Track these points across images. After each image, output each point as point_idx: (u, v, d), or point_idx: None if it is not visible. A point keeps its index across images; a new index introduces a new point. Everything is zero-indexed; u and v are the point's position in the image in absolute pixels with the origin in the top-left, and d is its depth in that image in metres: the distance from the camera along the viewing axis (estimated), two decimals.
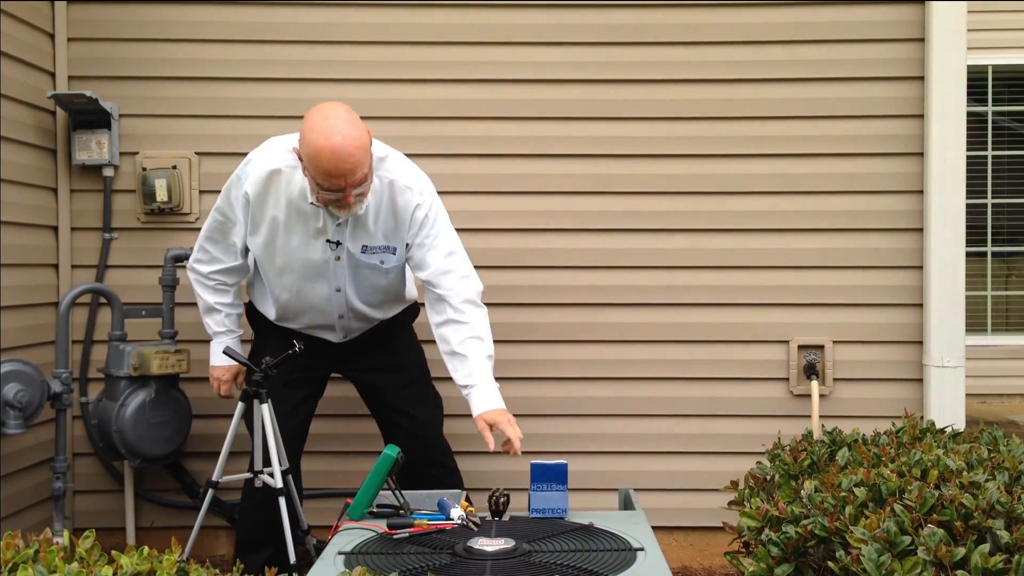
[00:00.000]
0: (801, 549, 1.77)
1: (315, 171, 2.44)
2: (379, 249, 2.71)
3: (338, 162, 2.40)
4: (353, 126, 2.44)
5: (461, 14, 3.51)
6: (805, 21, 3.50)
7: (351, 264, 2.72)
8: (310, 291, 2.76)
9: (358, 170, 2.44)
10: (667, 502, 3.48)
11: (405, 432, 2.95)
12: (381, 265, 2.74)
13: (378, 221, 2.67)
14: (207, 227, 2.81)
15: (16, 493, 3.21)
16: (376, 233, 2.69)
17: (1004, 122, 6.24)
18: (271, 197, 2.63)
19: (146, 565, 1.47)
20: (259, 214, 2.66)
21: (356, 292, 2.78)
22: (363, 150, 2.44)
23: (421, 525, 2.11)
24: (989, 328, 6.24)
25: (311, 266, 2.71)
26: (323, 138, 2.39)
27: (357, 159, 2.42)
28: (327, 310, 2.81)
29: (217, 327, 2.91)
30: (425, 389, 3.06)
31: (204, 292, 2.89)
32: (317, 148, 2.40)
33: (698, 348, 3.53)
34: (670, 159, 3.52)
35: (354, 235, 2.67)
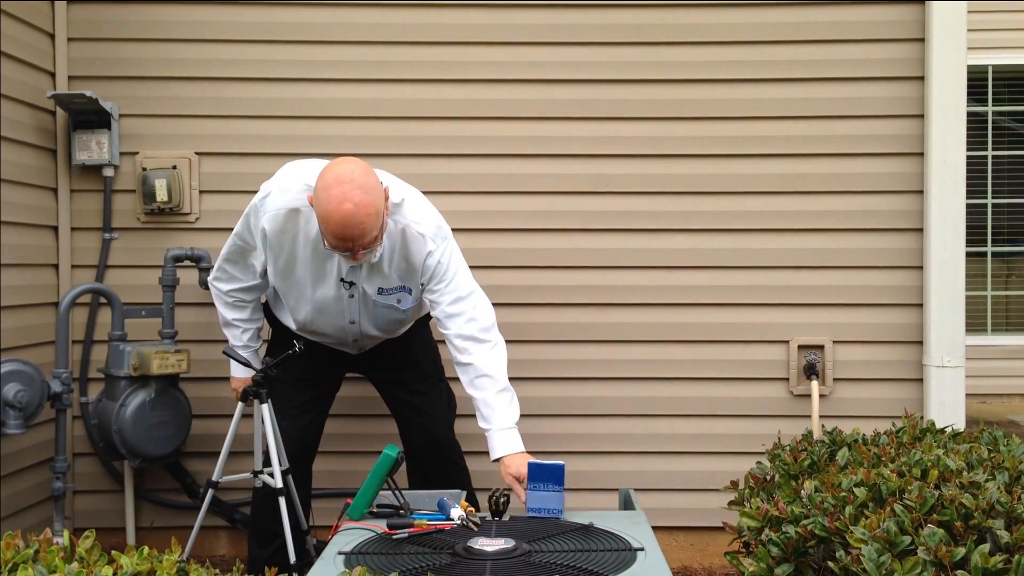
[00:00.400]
0: (801, 549, 1.77)
1: (325, 230, 2.46)
2: (395, 290, 2.74)
3: (347, 228, 2.40)
4: (366, 191, 2.41)
5: (461, 14, 3.51)
6: (805, 21, 3.50)
7: (366, 302, 2.76)
8: (325, 320, 2.81)
9: (367, 235, 2.44)
10: (667, 502, 3.48)
11: (417, 428, 2.98)
12: (398, 305, 2.79)
13: (392, 264, 2.70)
14: (227, 250, 2.82)
15: (16, 493, 3.21)
16: (391, 275, 2.71)
17: (1004, 122, 6.23)
18: (288, 234, 2.65)
19: (146, 565, 1.47)
20: (276, 248, 2.69)
21: (372, 323, 2.83)
22: (374, 216, 2.43)
23: (421, 525, 2.11)
24: (989, 328, 6.24)
25: (326, 299, 2.75)
26: (335, 203, 2.38)
27: (367, 226, 2.42)
28: (341, 336, 2.87)
29: (234, 341, 2.94)
30: (438, 385, 3.08)
31: (223, 308, 2.92)
32: (328, 212, 2.40)
33: (698, 348, 3.53)
34: (670, 159, 3.52)
35: (369, 278, 2.71)
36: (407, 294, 2.76)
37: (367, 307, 2.77)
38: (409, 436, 3.01)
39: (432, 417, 3.00)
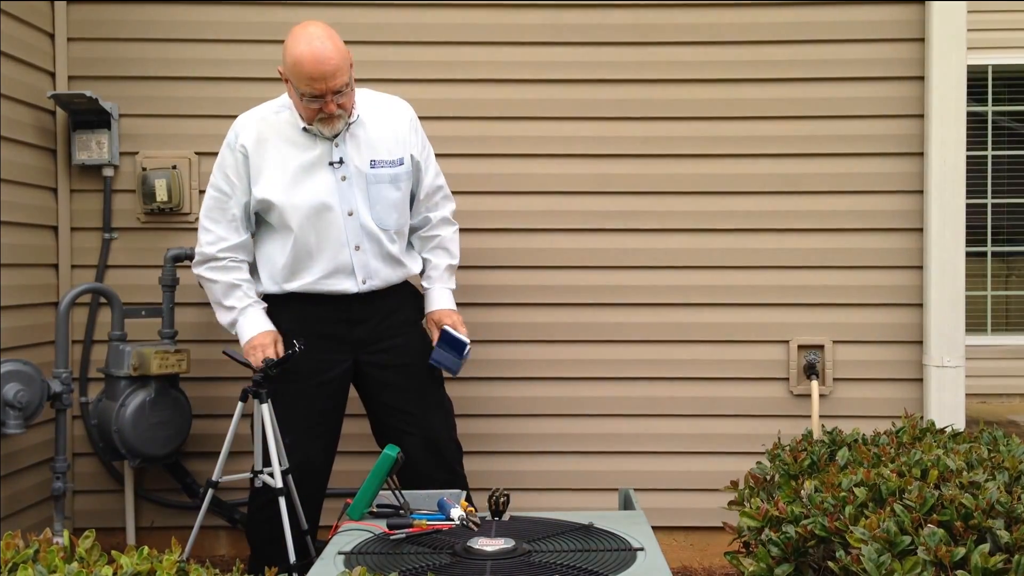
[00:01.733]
0: (801, 549, 1.77)
1: (297, 78, 2.63)
2: (387, 163, 2.83)
3: (319, 64, 2.58)
4: (332, 37, 2.65)
5: (461, 14, 3.51)
6: (805, 21, 3.50)
7: (360, 182, 2.78)
8: (323, 224, 2.76)
9: (338, 74, 2.61)
10: (667, 502, 3.48)
11: (416, 437, 2.89)
12: (393, 176, 2.83)
13: (378, 132, 2.83)
14: (205, 207, 2.84)
15: (16, 493, 3.21)
16: (379, 147, 2.82)
17: (1004, 122, 6.24)
18: (267, 142, 2.77)
19: (146, 565, 1.47)
20: (259, 160, 2.77)
21: (370, 212, 2.80)
22: (342, 56, 2.63)
23: (421, 525, 2.11)
24: (989, 328, 6.24)
25: (319, 194, 2.75)
26: (304, 43, 2.60)
27: (336, 63, 2.60)
28: (343, 240, 2.78)
29: (241, 302, 2.81)
30: (438, 391, 3.03)
31: (219, 274, 2.81)
32: (298, 54, 2.60)
33: (698, 348, 3.53)
34: (670, 159, 3.52)
35: (359, 151, 2.79)
36: (399, 165, 2.85)
37: (363, 188, 2.78)
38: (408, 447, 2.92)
39: (432, 426, 2.95)
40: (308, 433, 2.85)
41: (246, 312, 2.82)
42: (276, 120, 2.79)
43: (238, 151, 2.77)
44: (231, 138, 2.81)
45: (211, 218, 2.82)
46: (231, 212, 2.80)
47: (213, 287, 2.84)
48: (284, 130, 2.77)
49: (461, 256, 3.10)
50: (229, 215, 2.80)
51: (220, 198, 2.81)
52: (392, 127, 2.86)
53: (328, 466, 2.99)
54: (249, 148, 2.76)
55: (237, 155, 2.78)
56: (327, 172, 2.76)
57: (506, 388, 3.53)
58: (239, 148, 2.77)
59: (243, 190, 2.79)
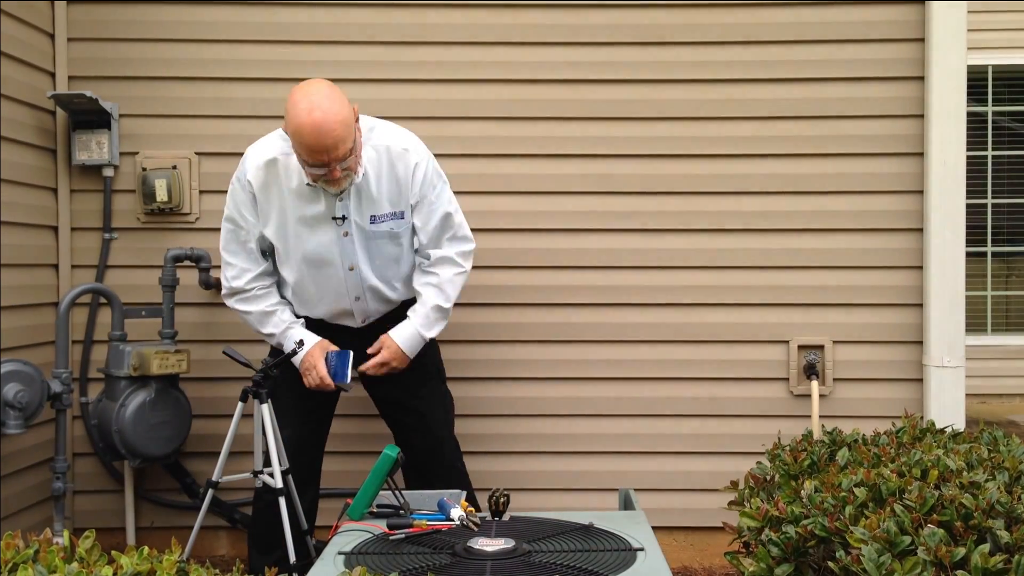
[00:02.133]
0: (801, 549, 1.77)
1: (299, 147, 2.53)
2: (387, 217, 2.75)
3: (319, 137, 2.46)
4: (334, 101, 2.50)
5: (461, 14, 3.51)
6: (805, 21, 3.50)
7: (361, 238, 2.75)
8: (325, 275, 2.78)
9: (340, 145, 2.50)
10: (667, 502, 3.48)
11: (418, 433, 2.95)
12: (392, 231, 2.77)
13: (381, 188, 2.72)
14: (223, 240, 2.82)
15: (16, 493, 3.21)
16: (381, 200, 2.73)
17: (1004, 122, 6.24)
18: (273, 187, 2.70)
19: (146, 565, 1.47)
20: (266, 204, 2.72)
21: (370, 267, 2.79)
22: (344, 125, 2.50)
23: (421, 525, 2.11)
24: (989, 328, 6.24)
25: (322, 247, 2.74)
26: (304, 114, 2.46)
27: (338, 134, 2.48)
28: (343, 292, 2.82)
29: (279, 327, 2.84)
30: (439, 388, 3.05)
31: (250, 305, 2.83)
32: (299, 124, 2.47)
33: (698, 348, 3.53)
34: (670, 159, 3.52)
35: (359, 207, 2.72)
36: (399, 219, 2.77)
37: (363, 244, 2.75)
38: (410, 442, 2.96)
39: (434, 422, 2.97)
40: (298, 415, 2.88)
41: (287, 334, 2.84)
42: (285, 164, 2.68)
43: (247, 189, 2.72)
44: (240, 173, 2.74)
45: (230, 251, 2.81)
46: (248, 244, 2.79)
47: (248, 318, 2.87)
48: (291, 177, 2.68)
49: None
50: (247, 247, 2.80)
51: (235, 231, 2.79)
52: (398, 180, 2.74)
53: (318, 450, 3.01)
54: (256, 188, 2.71)
55: (246, 192, 2.73)
56: (330, 227, 2.72)
57: (506, 388, 3.53)
58: (247, 186, 2.72)
59: (255, 223, 2.76)
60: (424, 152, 2.80)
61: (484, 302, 3.48)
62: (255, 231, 2.76)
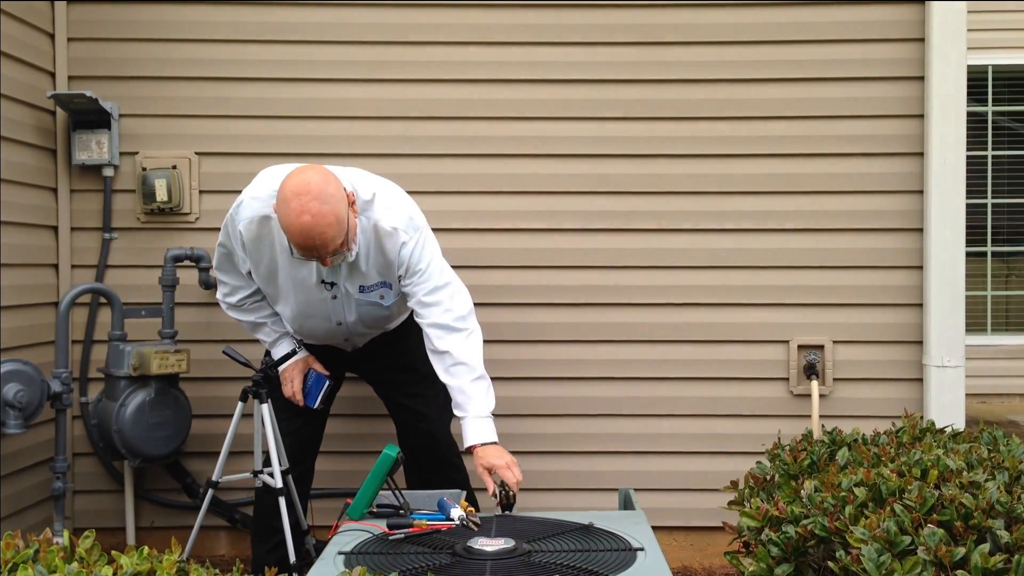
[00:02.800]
0: (801, 549, 1.77)
1: (289, 241, 2.48)
2: (376, 286, 2.73)
3: (308, 239, 2.40)
4: (323, 201, 2.38)
5: (461, 14, 3.50)
6: (805, 21, 3.50)
7: (349, 301, 2.76)
8: (313, 324, 2.82)
9: (329, 244, 2.43)
10: (667, 502, 3.48)
11: (416, 430, 2.98)
12: (380, 301, 2.77)
13: (369, 261, 2.67)
14: (217, 260, 2.82)
15: (16, 493, 3.21)
16: (370, 272, 2.70)
17: (1004, 122, 6.23)
18: (264, 241, 2.65)
19: (146, 565, 1.47)
20: (256, 255, 2.69)
21: (360, 322, 2.83)
22: (334, 226, 2.41)
23: (421, 525, 2.11)
24: (989, 328, 6.24)
25: (310, 303, 2.75)
26: (294, 216, 2.38)
27: (328, 235, 2.41)
28: (332, 337, 2.89)
29: (270, 336, 2.89)
30: (434, 386, 3.04)
31: (243, 315, 2.88)
32: (288, 225, 2.40)
33: (698, 348, 3.53)
34: (670, 159, 3.52)
35: (350, 277, 2.70)
36: (387, 289, 2.74)
37: (351, 306, 2.76)
38: (407, 438, 3.01)
39: (429, 418, 2.99)
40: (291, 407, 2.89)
41: (277, 344, 2.89)
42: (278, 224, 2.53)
43: (238, 237, 2.66)
44: (235, 217, 2.65)
45: (223, 270, 2.82)
46: (238, 268, 2.79)
47: (242, 323, 2.92)
48: (284, 240, 2.56)
49: (462, 256, 3.08)
50: (237, 270, 2.80)
51: (229, 255, 2.78)
52: (385, 256, 2.68)
53: (313, 445, 3.03)
54: (246, 240, 2.66)
55: (237, 239, 2.68)
56: (318, 289, 2.72)
57: (506, 388, 3.51)
58: (239, 236, 2.66)
59: (244, 260, 2.74)
60: (414, 232, 2.66)
61: (484, 302, 3.46)
62: (246, 265, 2.75)
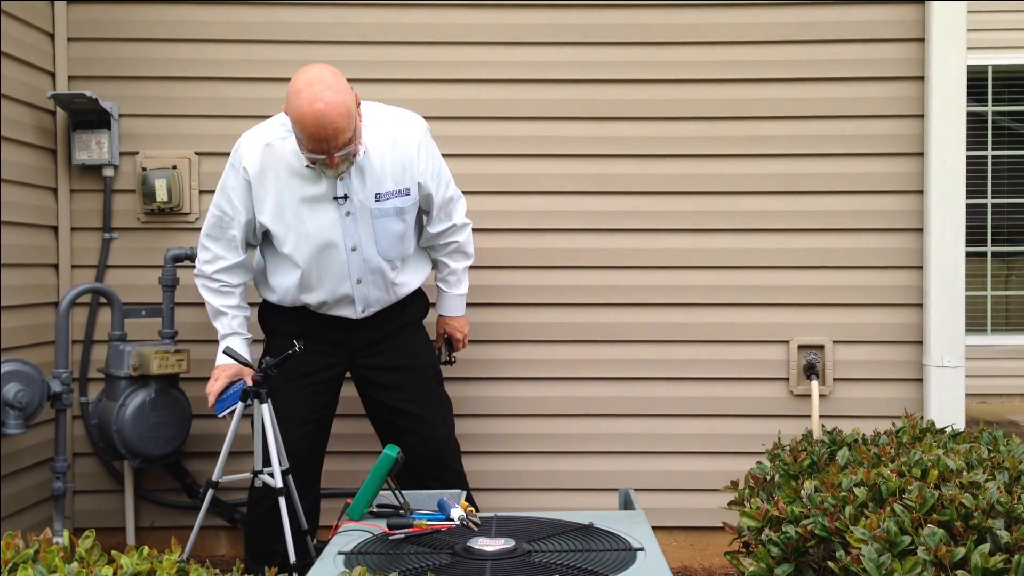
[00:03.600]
0: (801, 549, 1.77)
1: (299, 133, 2.57)
2: (392, 195, 2.76)
3: (320, 128, 2.49)
4: (337, 91, 2.51)
5: (461, 14, 3.51)
6: (805, 21, 3.50)
7: (365, 216, 2.75)
8: (326, 256, 2.77)
9: (340, 135, 2.53)
10: (667, 502, 3.48)
11: (415, 436, 2.92)
12: (398, 208, 2.78)
13: (385, 168, 2.74)
14: (206, 225, 2.83)
15: (16, 493, 3.21)
16: (385, 179, 2.75)
17: (1004, 122, 6.24)
18: (270, 171, 2.70)
19: (146, 565, 1.47)
20: (261, 189, 2.72)
21: (374, 246, 2.79)
22: (345, 116, 2.52)
23: (421, 525, 2.11)
24: (989, 328, 6.24)
25: (323, 229, 2.73)
26: (306, 104, 2.49)
27: (339, 125, 2.51)
28: (344, 275, 2.80)
29: (224, 330, 2.87)
30: (437, 390, 3.04)
31: (210, 296, 2.86)
32: (300, 114, 2.50)
33: (698, 348, 3.53)
34: (670, 159, 3.52)
35: (363, 186, 2.73)
36: (405, 196, 2.79)
37: (367, 223, 2.75)
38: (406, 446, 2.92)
39: (430, 425, 2.95)
40: (294, 426, 2.87)
41: (225, 340, 2.86)
42: (282, 147, 2.69)
43: (241, 175, 2.72)
44: (235, 159, 2.74)
45: (210, 236, 2.82)
46: (230, 233, 2.78)
47: (206, 304, 2.90)
48: (289, 159, 2.68)
49: None
50: (228, 235, 2.79)
51: (221, 218, 2.78)
52: (400, 155, 2.76)
53: (318, 459, 3.01)
54: (252, 175, 2.71)
55: (240, 179, 2.73)
56: (331, 207, 2.72)
57: (506, 388, 3.53)
58: (242, 172, 2.72)
59: (244, 213, 2.75)
60: (422, 124, 2.87)
61: (484, 302, 3.48)
62: (241, 219, 2.75)
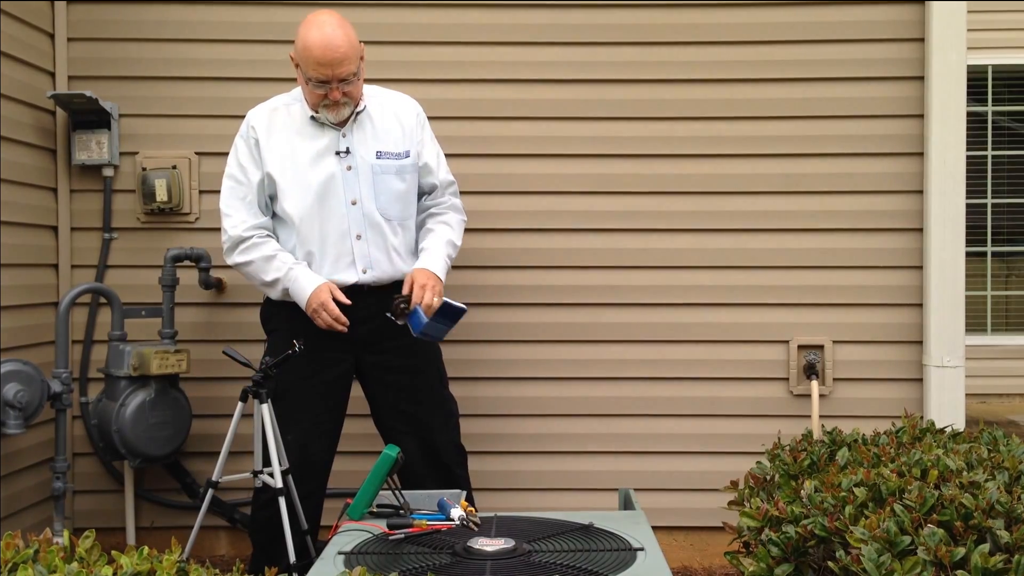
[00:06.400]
0: (801, 549, 1.77)
1: (305, 62, 2.70)
2: (393, 155, 2.87)
3: (327, 51, 2.66)
4: (344, 26, 2.72)
5: (461, 14, 3.51)
6: (805, 21, 3.50)
7: (367, 172, 2.83)
8: (325, 211, 2.80)
9: (346, 63, 2.69)
10: (667, 502, 3.48)
11: (414, 438, 2.90)
12: (399, 168, 2.87)
13: (386, 128, 2.88)
14: (223, 197, 2.88)
15: (16, 493, 3.21)
16: (385, 138, 2.87)
17: (1004, 122, 6.24)
18: (276, 130, 2.84)
19: (146, 565, 1.47)
20: (267, 143, 2.83)
21: (374, 201, 2.83)
22: (351, 46, 2.70)
23: (421, 525, 2.11)
24: (989, 328, 6.24)
25: (324, 182, 2.80)
26: (316, 29, 2.68)
27: (344, 51, 2.68)
28: (344, 229, 2.81)
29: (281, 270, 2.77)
30: (442, 392, 3.03)
31: (253, 253, 2.79)
32: (309, 39, 2.68)
33: (698, 348, 3.53)
34: (670, 159, 3.52)
35: (364, 142, 2.85)
36: (405, 157, 2.89)
37: (368, 179, 2.82)
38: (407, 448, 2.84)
39: (431, 428, 2.94)
40: (309, 431, 2.86)
41: (290, 277, 2.77)
42: (287, 112, 2.87)
43: (250, 138, 2.85)
44: (243, 129, 2.88)
45: (230, 205, 2.86)
46: (248, 198, 2.85)
47: (250, 268, 2.83)
48: (294, 121, 2.85)
49: (461, 255, 3.09)
50: (246, 201, 2.85)
51: (235, 187, 2.86)
52: (399, 120, 2.92)
53: (328, 464, 2.99)
54: (260, 132, 2.84)
55: (250, 141, 2.85)
56: (333, 161, 2.82)
57: (506, 388, 3.53)
58: (250, 132, 2.85)
59: (256, 172, 2.84)
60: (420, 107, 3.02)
61: (484, 302, 3.48)
62: (254, 178, 2.83)
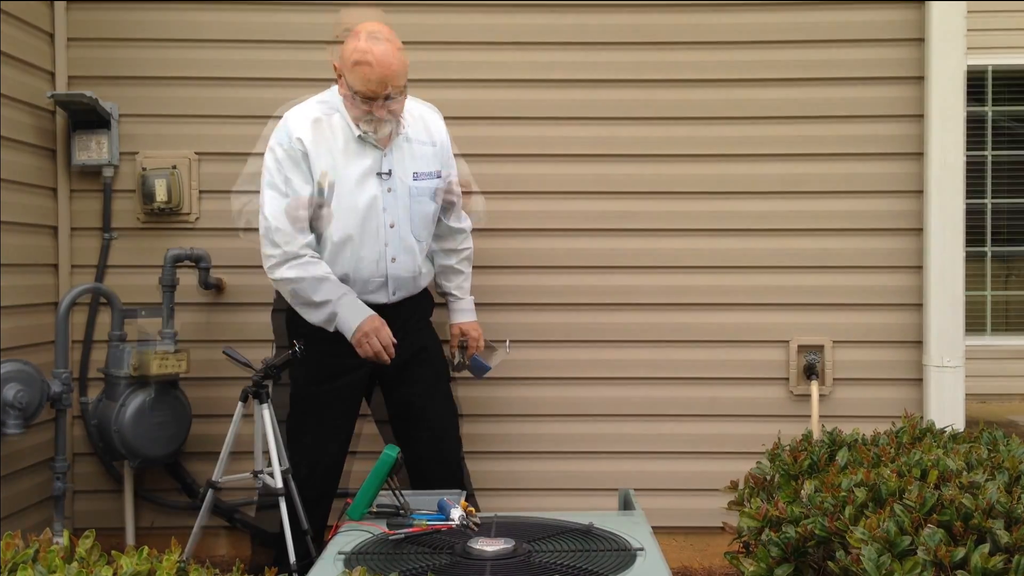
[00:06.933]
0: (801, 549, 1.78)
1: (352, 76, 2.65)
2: (426, 175, 2.87)
3: (379, 67, 2.61)
4: (393, 41, 2.68)
5: (461, 16, 3.51)
6: (805, 22, 3.50)
7: (404, 194, 2.82)
8: (367, 234, 2.78)
9: (396, 79, 2.65)
10: (667, 503, 3.48)
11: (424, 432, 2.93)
12: (432, 188, 2.88)
13: (422, 147, 2.87)
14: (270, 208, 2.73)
15: (16, 493, 3.21)
16: (421, 159, 2.86)
17: (1004, 122, 6.25)
18: (322, 143, 2.75)
19: (146, 565, 1.47)
20: (317, 158, 2.74)
21: (409, 225, 2.84)
22: (401, 62, 2.67)
23: (421, 526, 2.11)
24: (989, 328, 6.25)
25: (368, 205, 2.77)
26: (366, 43, 2.63)
27: (396, 68, 2.64)
28: (382, 251, 2.81)
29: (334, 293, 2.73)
30: (449, 387, 3.07)
31: (303, 271, 2.72)
32: (359, 52, 2.62)
33: (698, 349, 3.53)
34: (670, 160, 3.52)
35: (402, 163, 2.82)
36: (436, 177, 2.90)
37: (405, 200, 2.82)
38: (416, 441, 2.93)
39: (442, 420, 2.97)
40: (324, 435, 2.87)
41: (342, 303, 2.74)
42: (329, 124, 2.76)
43: (296, 147, 2.71)
44: (283, 138, 2.73)
45: (278, 218, 2.72)
46: (299, 212, 2.73)
47: (300, 285, 2.74)
48: (337, 136, 2.76)
49: None
50: (299, 215, 2.73)
51: (281, 199, 2.73)
52: (431, 136, 2.90)
53: (340, 467, 3.01)
54: (307, 144, 2.72)
55: (295, 152, 2.72)
56: (375, 183, 2.78)
57: (506, 389, 3.53)
58: (297, 144, 2.71)
59: (305, 187, 2.72)
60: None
61: (484, 303, 3.47)
62: (304, 195, 2.72)
